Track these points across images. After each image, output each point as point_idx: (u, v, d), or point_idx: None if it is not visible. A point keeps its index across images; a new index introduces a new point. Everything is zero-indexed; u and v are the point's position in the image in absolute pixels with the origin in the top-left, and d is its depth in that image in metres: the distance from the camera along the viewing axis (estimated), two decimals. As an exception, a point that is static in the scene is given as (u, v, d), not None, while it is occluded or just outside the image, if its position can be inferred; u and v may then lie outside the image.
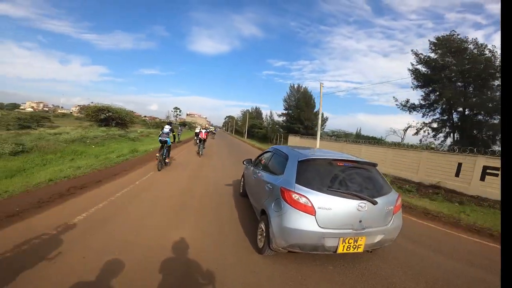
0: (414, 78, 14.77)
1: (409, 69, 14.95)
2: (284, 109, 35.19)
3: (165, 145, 6.30)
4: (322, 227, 2.02)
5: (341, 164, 2.32)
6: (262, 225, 2.44)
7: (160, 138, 6.27)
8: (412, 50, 14.61)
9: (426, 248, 2.95)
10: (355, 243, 2.09)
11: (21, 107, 66.92)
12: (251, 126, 44.72)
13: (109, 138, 12.08)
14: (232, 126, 68.11)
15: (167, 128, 6.39)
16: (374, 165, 2.47)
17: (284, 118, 35.13)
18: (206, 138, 10.50)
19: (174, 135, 6.72)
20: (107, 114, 16.77)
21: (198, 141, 10.74)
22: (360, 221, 2.08)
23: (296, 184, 2.16)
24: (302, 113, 29.81)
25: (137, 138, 14.81)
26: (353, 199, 2.07)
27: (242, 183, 4.54)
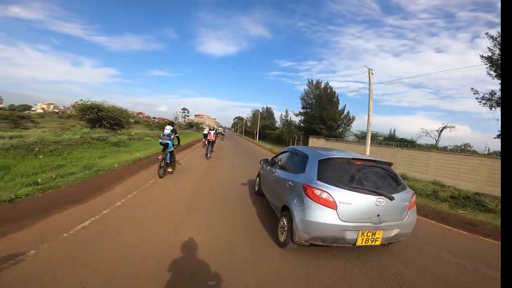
0: (490, 66, 16.34)
1: (482, 56, 16.72)
2: (301, 108, 40.17)
3: (167, 149, 7.65)
4: (343, 221, 3.24)
5: (359, 163, 3.62)
6: (284, 220, 3.77)
7: (160, 140, 7.60)
8: (487, 34, 16.61)
9: None
10: (373, 236, 3.32)
11: (33, 109, 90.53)
12: (262, 127, 51.76)
13: (82, 142, 13.20)
14: (241, 126, 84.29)
15: (168, 129, 7.61)
16: (390, 164, 3.77)
17: (302, 117, 40.10)
18: (215, 140, 13.07)
19: (177, 137, 8.05)
20: (99, 114, 19.18)
21: (206, 142, 13.77)
22: (378, 215, 3.31)
23: (317, 181, 3.44)
24: (324, 111, 34.02)
25: (123, 142, 16.23)
26: (372, 194, 3.31)
27: (257, 182, 6.46)
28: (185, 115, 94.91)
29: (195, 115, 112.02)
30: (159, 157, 7.81)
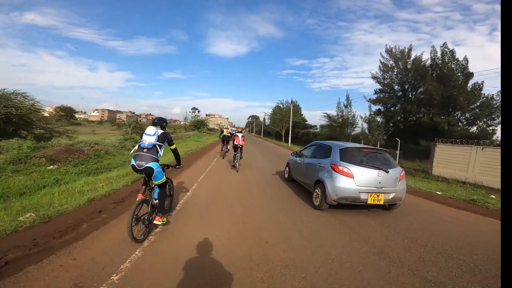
0: None
1: None
2: (376, 92, 26.90)
3: (152, 181, 3.79)
4: (358, 186, 5.09)
5: (366, 150, 5.59)
6: (317, 190, 5.62)
7: (133, 163, 3.64)
8: None
9: None
10: (377, 197, 5.15)
11: (46, 114, 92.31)
12: (292, 126, 41.24)
13: None
14: (258, 125, 79.59)
15: (151, 133, 3.69)
16: (386, 151, 5.70)
17: (381, 106, 27.09)
18: (243, 144, 10.49)
19: (174, 150, 4.20)
20: None
21: (233, 149, 10.42)
22: (380, 183, 5.17)
23: (340, 161, 5.32)
24: (453, 91, 19.42)
25: None
26: (374, 169, 5.19)
27: (287, 171, 8.42)
28: (195, 115, 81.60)
29: (206, 115, 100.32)
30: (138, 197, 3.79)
